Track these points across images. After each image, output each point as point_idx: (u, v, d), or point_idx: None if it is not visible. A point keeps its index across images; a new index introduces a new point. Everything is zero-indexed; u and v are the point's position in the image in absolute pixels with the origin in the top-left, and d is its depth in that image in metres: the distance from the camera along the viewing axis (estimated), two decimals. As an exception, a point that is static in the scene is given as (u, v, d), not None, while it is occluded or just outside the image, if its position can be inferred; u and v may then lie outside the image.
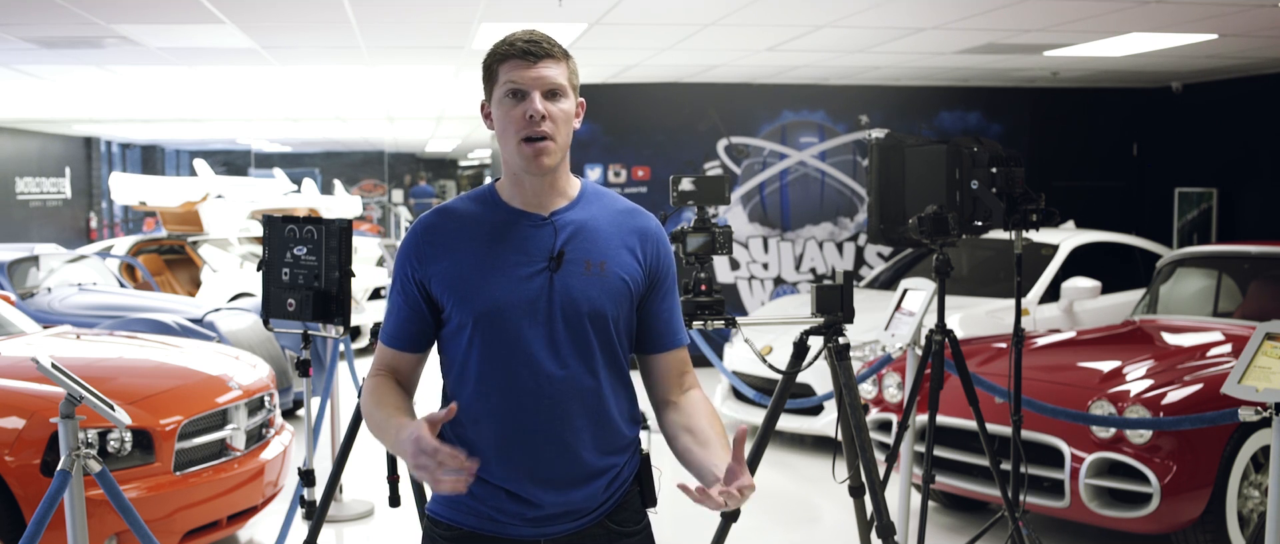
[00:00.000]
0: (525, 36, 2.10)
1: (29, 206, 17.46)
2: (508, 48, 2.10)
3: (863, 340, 6.85)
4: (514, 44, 2.10)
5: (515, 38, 2.11)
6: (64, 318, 7.63)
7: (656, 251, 2.22)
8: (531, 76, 2.08)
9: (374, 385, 2.20)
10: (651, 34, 7.57)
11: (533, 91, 2.08)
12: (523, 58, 2.08)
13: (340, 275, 4.89)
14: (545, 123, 2.08)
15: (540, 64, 2.08)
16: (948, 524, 5.72)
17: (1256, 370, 3.71)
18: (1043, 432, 4.93)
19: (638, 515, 2.25)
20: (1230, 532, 4.76)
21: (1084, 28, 7.32)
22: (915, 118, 10.94)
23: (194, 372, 5.27)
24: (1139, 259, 8.12)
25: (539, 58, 2.08)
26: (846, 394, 3.89)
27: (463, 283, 2.12)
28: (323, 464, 5.58)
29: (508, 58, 2.10)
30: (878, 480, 3.88)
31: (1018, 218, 4.27)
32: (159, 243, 11.88)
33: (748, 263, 10.78)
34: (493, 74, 2.13)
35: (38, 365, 3.33)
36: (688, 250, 3.76)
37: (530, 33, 2.12)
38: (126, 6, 6.40)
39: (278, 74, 9.57)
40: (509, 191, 2.18)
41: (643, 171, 10.63)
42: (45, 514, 3.36)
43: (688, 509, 5.86)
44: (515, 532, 2.16)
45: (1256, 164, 10.34)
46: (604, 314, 2.14)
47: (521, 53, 2.08)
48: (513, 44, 2.10)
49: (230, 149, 24.59)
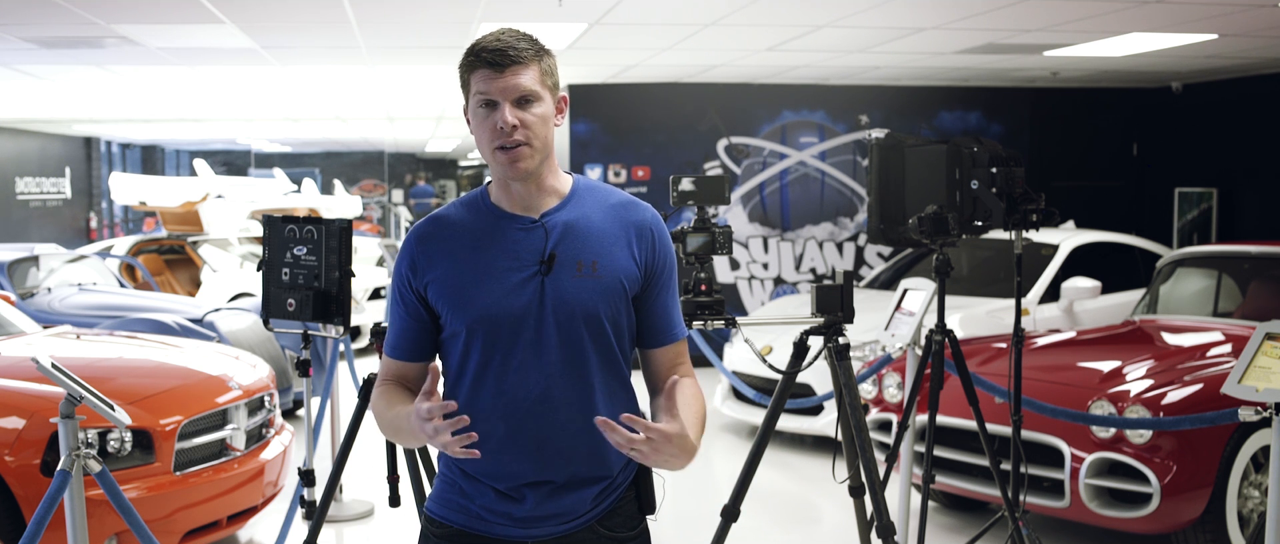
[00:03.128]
0: (492, 44, 2.06)
1: (29, 206, 17.46)
2: (474, 58, 2.06)
3: (863, 340, 6.84)
4: (480, 53, 2.06)
5: (483, 45, 2.07)
6: (64, 318, 7.63)
7: (654, 245, 2.18)
8: (500, 87, 2.04)
9: (382, 391, 2.19)
10: (651, 34, 7.56)
11: (503, 102, 2.04)
12: (490, 67, 2.04)
13: (340, 275, 4.89)
14: (517, 131, 2.05)
15: (507, 73, 2.04)
16: (948, 524, 5.72)
17: (1256, 370, 3.71)
18: (1043, 432, 4.93)
19: (632, 522, 2.23)
20: (1230, 532, 4.76)
21: (1084, 28, 7.32)
22: (915, 118, 10.95)
23: (194, 372, 5.27)
24: (1139, 259, 8.12)
25: (505, 67, 2.04)
26: (846, 394, 3.89)
27: (456, 291, 2.11)
28: (323, 464, 5.58)
29: (476, 67, 2.06)
30: (878, 480, 3.88)
31: (1018, 218, 4.27)
32: (159, 243, 11.88)
33: (748, 263, 10.78)
34: (465, 82, 2.11)
35: (38, 365, 3.33)
36: (688, 250, 3.75)
37: (499, 37, 2.07)
38: (126, 6, 6.40)
39: (278, 74, 9.57)
40: (499, 195, 2.17)
41: (643, 171, 10.63)
42: (45, 514, 3.36)
43: (688, 511, 5.88)
44: (502, 531, 2.16)
45: (1256, 164, 10.34)
46: (598, 316, 2.12)
47: (488, 62, 2.04)
48: (479, 53, 2.06)
49: (230, 149, 24.58)
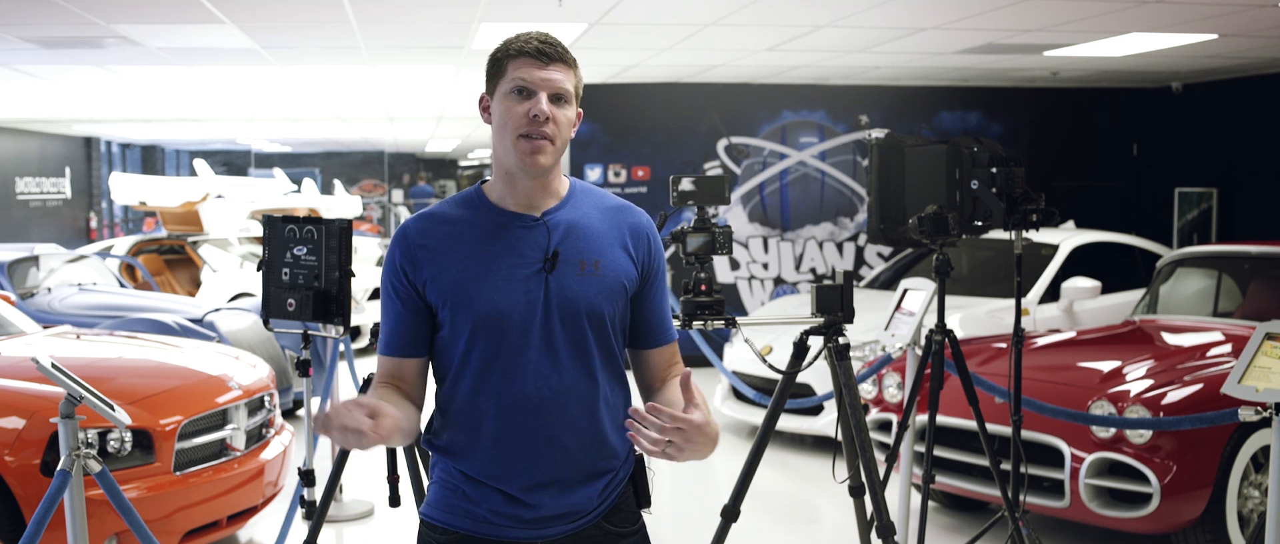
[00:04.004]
0: (540, 37, 2.12)
1: (29, 206, 17.46)
2: (522, 45, 2.11)
3: (863, 340, 6.84)
4: (529, 42, 2.11)
5: (530, 36, 2.12)
6: (64, 318, 7.63)
7: (649, 247, 2.23)
8: (541, 77, 2.09)
9: (376, 396, 2.13)
10: (651, 34, 7.56)
11: (540, 92, 2.09)
12: (536, 57, 2.10)
13: (340, 275, 4.89)
14: (548, 124, 2.08)
15: (551, 67, 2.10)
16: (948, 524, 5.72)
17: (1256, 370, 3.71)
18: (1043, 432, 4.93)
19: (633, 516, 2.25)
20: (1230, 532, 4.76)
21: (1084, 28, 7.32)
22: (915, 118, 10.94)
23: (194, 372, 5.27)
24: (1139, 259, 8.12)
25: (551, 60, 2.10)
26: (846, 394, 3.89)
27: (459, 288, 2.10)
28: (323, 464, 5.58)
29: (521, 55, 2.11)
30: (878, 480, 3.88)
31: (1018, 218, 4.27)
32: (159, 243, 11.88)
33: (748, 263, 10.78)
34: (500, 68, 2.13)
35: (38, 365, 3.33)
36: (688, 250, 3.75)
37: (544, 35, 2.13)
38: (126, 6, 6.40)
39: (278, 74, 9.57)
40: (499, 193, 2.17)
41: (643, 171, 10.63)
42: (45, 514, 3.36)
43: (687, 510, 5.88)
44: (511, 534, 2.14)
45: (1256, 164, 10.34)
46: (601, 313, 2.14)
47: (535, 52, 2.10)
48: (528, 41, 2.11)
49: (230, 149, 24.59)
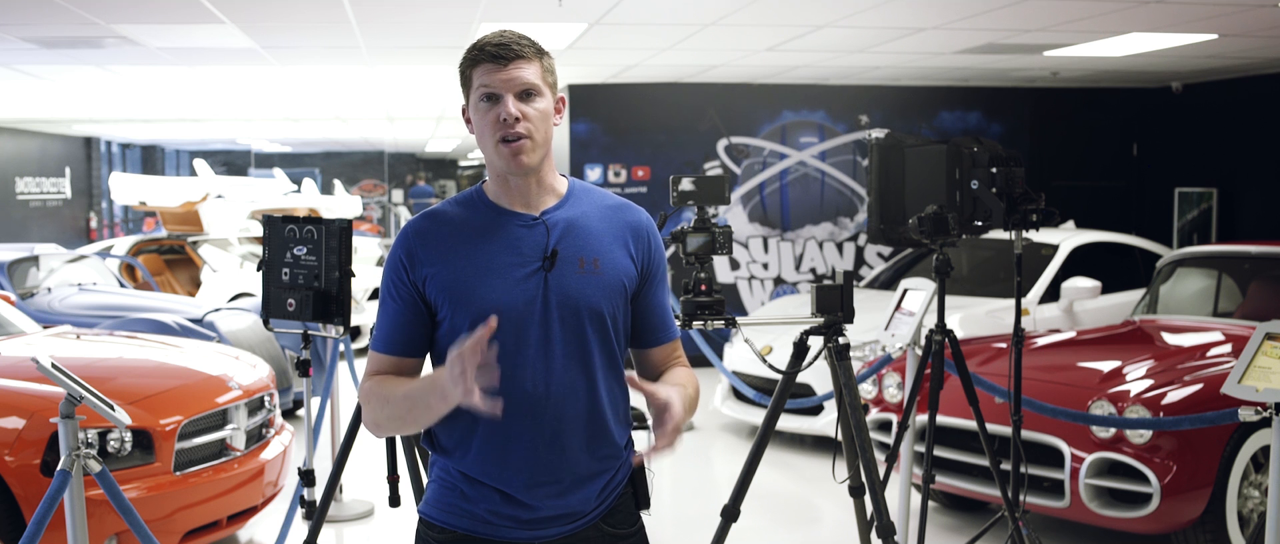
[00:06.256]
0: (495, 39, 2.10)
1: (29, 206, 17.46)
2: (478, 52, 2.10)
3: (863, 340, 6.84)
4: (484, 48, 2.10)
5: (485, 41, 2.11)
6: (64, 318, 7.63)
7: (649, 245, 2.23)
8: (502, 79, 2.08)
9: (378, 380, 2.11)
10: (651, 34, 7.56)
11: (505, 94, 2.08)
12: (494, 61, 2.08)
13: (340, 275, 4.89)
14: (520, 123, 2.08)
15: (510, 66, 2.08)
16: (948, 524, 5.72)
17: (1256, 370, 3.71)
18: (1043, 432, 4.93)
19: (631, 517, 2.25)
20: (1230, 532, 4.76)
21: (1084, 28, 7.32)
22: (915, 118, 10.94)
23: (194, 372, 5.27)
24: (1139, 259, 8.12)
25: (509, 60, 2.08)
26: (846, 394, 3.88)
27: (459, 286, 2.10)
28: (323, 464, 5.58)
29: (479, 62, 2.10)
30: (878, 480, 3.88)
31: (1018, 218, 4.27)
32: (159, 243, 11.88)
33: (748, 263, 10.78)
34: (467, 78, 2.13)
35: (38, 365, 3.33)
36: (688, 250, 3.75)
37: (501, 34, 2.11)
38: (126, 6, 6.40)
39: (278, 74, 9.57)
40: (497, 193, 2.18)
41: (643, 171, 10.63)
42: (45, 514, 3.36)
43: (687, 510, 5.88)
44: (509, 534, 2.14)
45: (1256, 164, 10.34)
46: (601, 312, 2.13)
47: (492, 57, 2.08)
48: (483, 48, 2.10)
49: (230, 149, 24.58)
